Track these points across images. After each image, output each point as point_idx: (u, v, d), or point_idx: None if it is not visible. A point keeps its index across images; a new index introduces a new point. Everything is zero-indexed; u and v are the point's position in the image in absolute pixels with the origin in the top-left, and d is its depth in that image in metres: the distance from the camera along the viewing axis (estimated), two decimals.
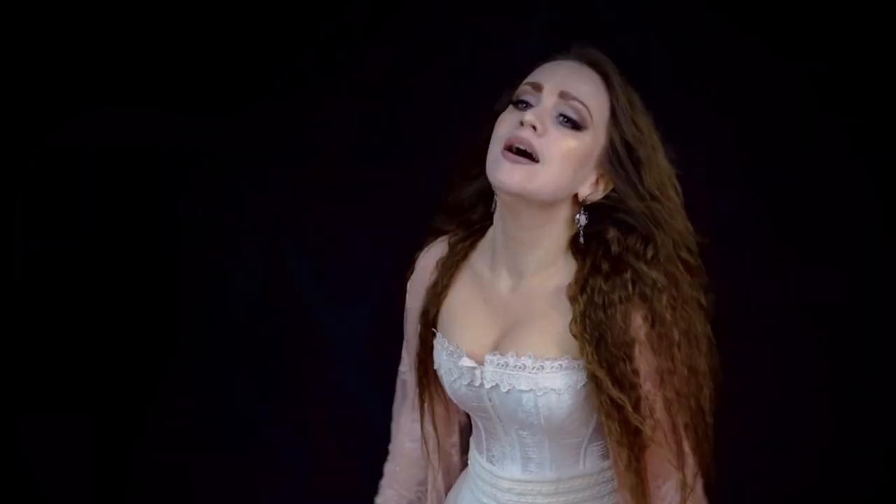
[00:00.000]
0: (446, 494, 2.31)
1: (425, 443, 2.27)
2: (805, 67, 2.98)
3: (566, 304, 2.01)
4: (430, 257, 2.21)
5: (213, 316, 3.21)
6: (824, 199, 2.99)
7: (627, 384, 1.94)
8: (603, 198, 2.03)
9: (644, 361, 1.95)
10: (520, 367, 2.00)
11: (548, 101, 1.97)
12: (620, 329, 1.95)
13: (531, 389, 1.99)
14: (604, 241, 2.01)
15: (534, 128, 1.95)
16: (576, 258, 2.03)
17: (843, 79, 2.97)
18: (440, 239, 2.21)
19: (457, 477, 2.32)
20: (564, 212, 2.04)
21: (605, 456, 2.07)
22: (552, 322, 2.02)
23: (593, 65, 2.00)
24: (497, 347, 2.05)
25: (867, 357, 3.06)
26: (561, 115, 1.96)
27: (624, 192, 1.99)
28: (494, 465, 2.14)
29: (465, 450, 2.32)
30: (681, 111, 2.08)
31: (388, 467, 2.33)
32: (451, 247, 2.16)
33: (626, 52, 2.12)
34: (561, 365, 1.99)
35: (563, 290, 2.02)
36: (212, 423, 3.26)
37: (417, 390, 2.22)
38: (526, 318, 2.04)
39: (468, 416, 2.29)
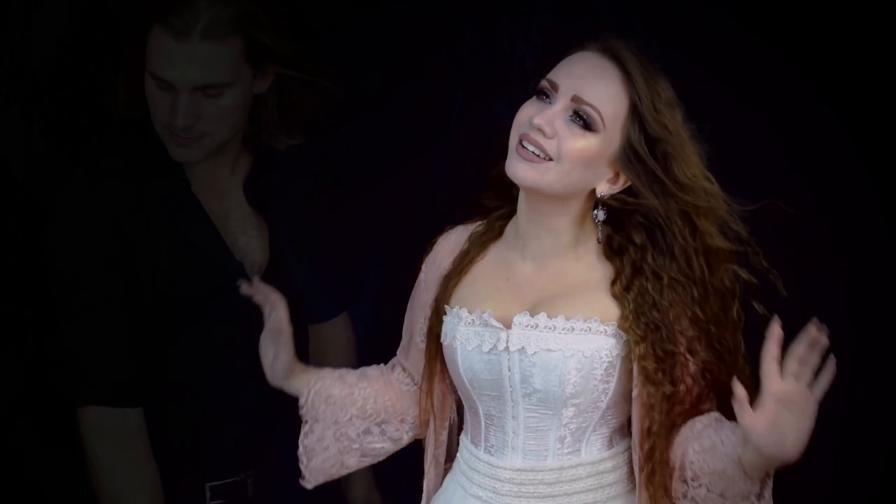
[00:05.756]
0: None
1: (424, 424, 2.29)
2: (805, 67, 2.99)
3: (600, 284, 2.07)
4: (459, 233, 2.25)
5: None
6: (824, 199, 2.99)
7: (671, 363, 2.02)
8: (622, 196, 2.06)
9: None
10: (550, 328, 2.05)
11: (560, 102, 2.02)
12: (671, 325, 2.02)
13: (559, 349, 2.03)
14: (632, 242, 2.06)
15: (543, 131, 2.01)
16: (611, 261, 2.08)
17: (843, 79, 2.98)
18: (464, 225, 2.25)
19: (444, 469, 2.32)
20: (583, 204, 2.09)
21: (606, 446, 2.11)
22: (585, 293, 2.07)
23: (616, 59, 2.03)
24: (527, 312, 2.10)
25: (868, 356, 3.07)
26: (572, 114, 2.02)
27: (641, 189, 2.03)
28: (493, 456, 2.15)
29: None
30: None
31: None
32: (490, 222, 2.20)
33: None
34: (590, 328, 2.04)
35: (597, 278, 2.08)
36: None
37: (426, 361, 2.24)
38: (557, 291, 2.09)
39: (458, 413, 2.29)
